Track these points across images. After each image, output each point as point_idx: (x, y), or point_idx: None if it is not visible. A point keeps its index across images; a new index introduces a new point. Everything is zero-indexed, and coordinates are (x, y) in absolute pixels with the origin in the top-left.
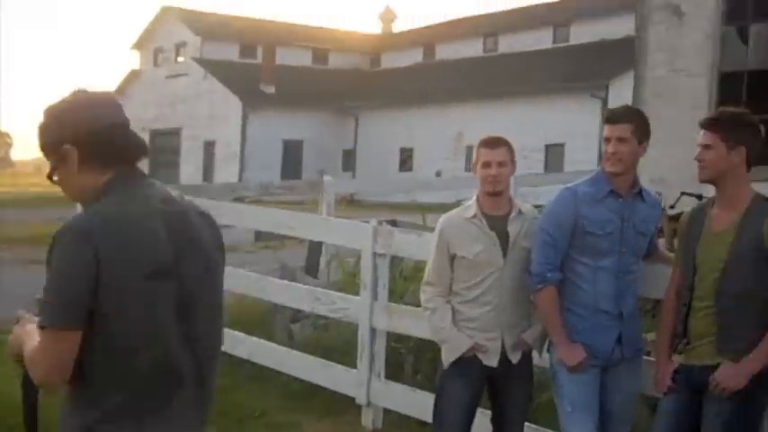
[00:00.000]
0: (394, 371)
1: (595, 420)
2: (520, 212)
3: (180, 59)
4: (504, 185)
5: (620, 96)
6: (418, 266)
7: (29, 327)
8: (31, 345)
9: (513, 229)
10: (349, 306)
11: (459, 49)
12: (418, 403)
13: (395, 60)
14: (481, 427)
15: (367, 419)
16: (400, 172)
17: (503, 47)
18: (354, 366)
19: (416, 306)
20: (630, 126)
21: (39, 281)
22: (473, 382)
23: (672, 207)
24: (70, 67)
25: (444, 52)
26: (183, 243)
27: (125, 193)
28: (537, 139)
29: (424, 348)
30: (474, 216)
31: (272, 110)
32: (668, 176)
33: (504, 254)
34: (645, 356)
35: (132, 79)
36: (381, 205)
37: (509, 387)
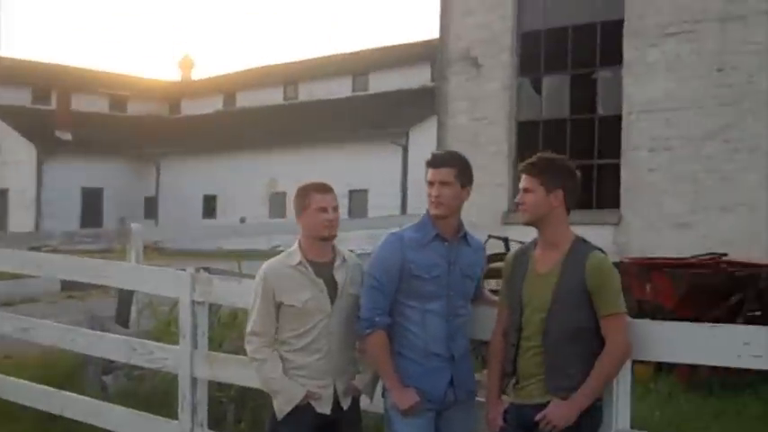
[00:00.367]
0: (216, 420)
1: None
2: (344, 260)
3: None
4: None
5: (419, 144)
6: (234, 313)
7: None
8: None
9: (340, 277)
10: (168, 356)
11: (259, 97)
12: None
13: (195, 108)
14: None
15: None
16: (203, 219)
17: (303, 95)
18: (176, 417)
19: (236, 354)
20: (453, 170)
21: None
22: (307, 430)
23: None
24: None
25: (245, 100)
26: None
27: None
28: (341, 186)
29: (246, 396)
30: (299, 263)
31: (70, 157)
32: (476, 220)
33: (332, 301)
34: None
35: None
36: (187, 253)
37: None
